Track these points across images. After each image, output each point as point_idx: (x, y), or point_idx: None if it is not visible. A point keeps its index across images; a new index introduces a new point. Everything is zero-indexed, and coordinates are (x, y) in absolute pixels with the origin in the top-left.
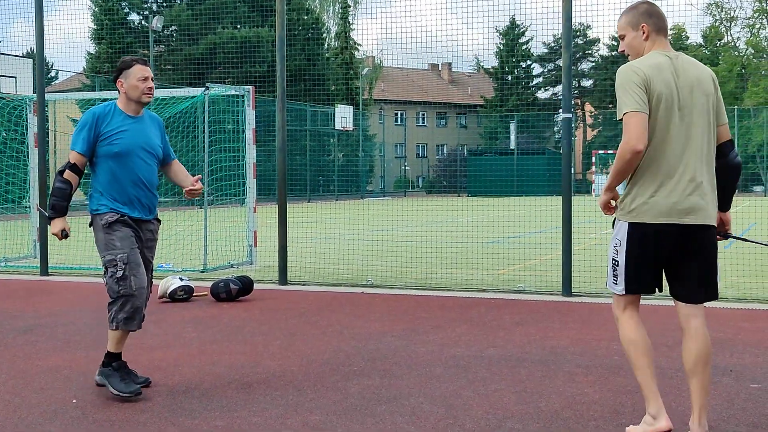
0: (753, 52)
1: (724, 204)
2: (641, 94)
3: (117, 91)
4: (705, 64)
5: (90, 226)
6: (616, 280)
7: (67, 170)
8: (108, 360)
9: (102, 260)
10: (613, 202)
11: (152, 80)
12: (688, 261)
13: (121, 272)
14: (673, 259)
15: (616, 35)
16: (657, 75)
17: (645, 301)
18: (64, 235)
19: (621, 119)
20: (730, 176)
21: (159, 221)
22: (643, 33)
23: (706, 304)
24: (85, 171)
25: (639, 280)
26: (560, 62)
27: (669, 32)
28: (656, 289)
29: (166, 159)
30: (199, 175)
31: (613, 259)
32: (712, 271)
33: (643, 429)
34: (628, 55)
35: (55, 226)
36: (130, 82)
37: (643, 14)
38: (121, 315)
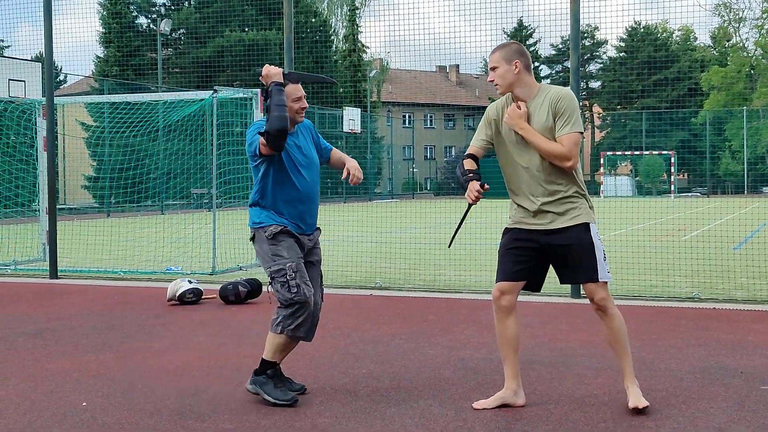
0: (762, 52)
1: None
2: None
3: (129, 94)
4: (714, 64)
5: (251, 240)
6: (608, 270)
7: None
8: (262, 368)
9: (267, 272)
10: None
11: (305, 99)
12: None
13: (293, 281)
14: None
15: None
16: None
17: (651, 302)
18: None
19: (571, 134)
20: None
21: (319, 230)
22: (515, 68)
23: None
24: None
25: None
26: (568, 64)
27: (677, 32)
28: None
29: (324, 155)
30: (354, 163)
31: (604, 251)
32: None
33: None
34: (497, 85)
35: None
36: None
37: (516, 52)
38: (291, 321)
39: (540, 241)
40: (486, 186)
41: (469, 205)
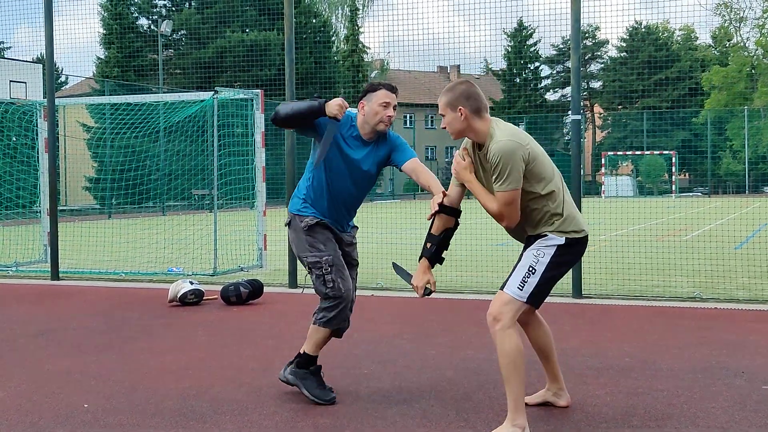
0: (762, 52)
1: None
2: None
3: (130, 95)
4: (714, 64)
5: (287, 225)
6: (524, 287)
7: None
8: (305, 361)
9: (303, 261)
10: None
11: (395, 109)
12: None
13: (329, 275)
14: None
15: (627, 31)
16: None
17: (652, 303)
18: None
19: (501, 193)
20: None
21: (356, 228)
22: (461, 115)
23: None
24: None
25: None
26: (569, 64)
27: (678, 32)
28: None
29: (398, 163)
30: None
31: (533, 269)
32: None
33: None
34: (450, 132)
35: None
36: (371, 105)
37: (460, 96)
38: (324, 314)
39: None
40: (433, 283)
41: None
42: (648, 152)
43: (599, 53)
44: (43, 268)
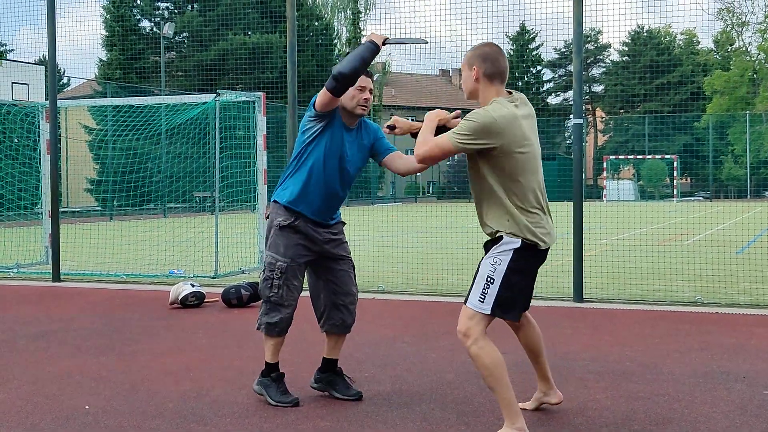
0: (765, 57)
1: None
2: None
3: (132, 97)
4: (716, 69)
5: (266, 216)
6: (485, 298)
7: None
8: (266, 370)
9: (264, 259)
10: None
11: (371, 93)
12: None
13: (277, 280)
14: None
15: (628, 38)
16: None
17: (653, 306)
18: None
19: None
20: None
21: (343, 223)
22: (474, 74)
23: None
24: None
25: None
26: (571, 68)
27: (680, 36)
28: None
29: (380, 156)
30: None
31: (491, 279)
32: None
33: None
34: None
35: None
36: (348, 91)
37: (478, 56)
38: (266, 319)
39: None
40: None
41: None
42: (650, 156)
43: (601, 57)
44: (45, 270)
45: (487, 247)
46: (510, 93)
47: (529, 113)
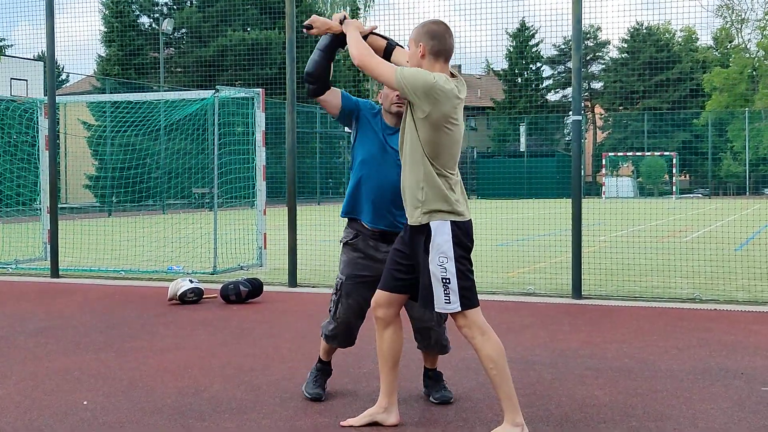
0: (764, 54)
1: None
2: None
3: (131, 93)
4: (715, 65)
5: None
6: (450, 298)
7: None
8: (317, 361)
9: None
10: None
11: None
12: None
13: (335, 296)
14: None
15: (626, 35)
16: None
17: (652, 303)
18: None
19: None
20: None
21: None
22: (420, 51)
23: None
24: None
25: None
26: (570, 64)
27: (680, 33)
28: None
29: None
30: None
31: (446, 277)
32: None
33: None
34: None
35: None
36: (383, 90)
37: (425, 33)
38: (326, 330)
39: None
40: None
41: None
42: (649, 153)
43: (600, 54)
44: (43, 266)
45: (413, 236)
46: (453, 75)
47: (463, 99)
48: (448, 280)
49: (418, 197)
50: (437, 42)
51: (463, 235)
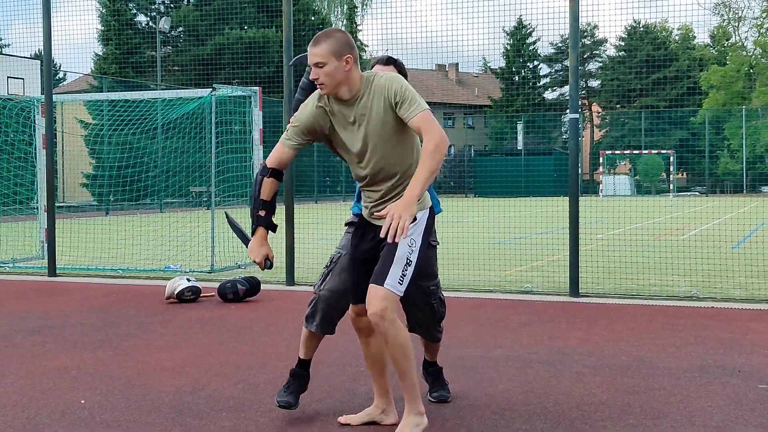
0: (761, 52)
1: None
2: None
3: (128, 91)
4: (713, 64)
5: None
6: (403, 281)
7: None
8: (297, 363)
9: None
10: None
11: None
12: None
13: (325, 269)
14: None
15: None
16: None
17: (649, 301)
18: None
19: (421, 113)
20: None
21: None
22: (347, 64)
23: None
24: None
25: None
26: (567, 62)
27: (677, 31)
28: None
29: None
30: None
31: (409, 260)
32: None
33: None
34: (322, 84)
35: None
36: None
37: (346, 44)
38: (308, 310)
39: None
40: (272, 256)
41: (246, 242)
42: (646, 151)
43: (598, 52)
44: (41, 265)
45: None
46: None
47: None
48: (410, 263)
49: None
50: (356, 49)
51: (431, 228)
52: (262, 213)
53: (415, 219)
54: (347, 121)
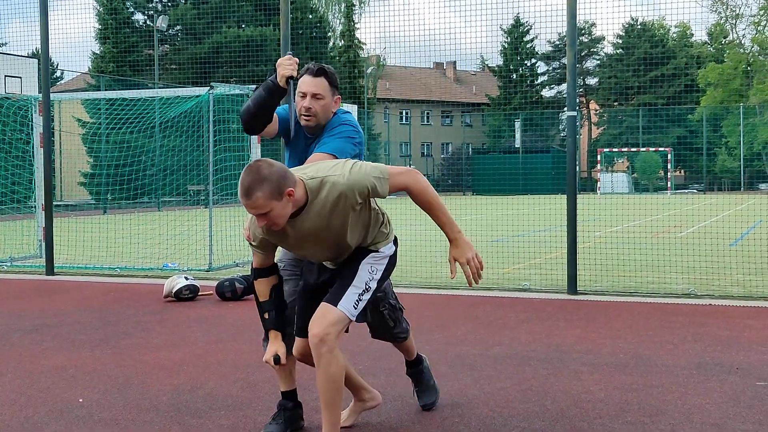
0: (758, 49)
1: None
2: None
3: (126, 90)
4: (710, 61)
5: None
6: (358, 305)
7: None
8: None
9: None
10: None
11: (314, 98)
12: None
13: None
14: None
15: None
16: None
17: (647, 298)
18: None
19: (390, 179)
20: None
21: None
22: (290, 197)
23: None
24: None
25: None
26: (565, 60)
27: (674, 29)
28: None
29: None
30: None
31: (368, 286)
32: None
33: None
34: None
35: None
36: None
37: (280, 179)
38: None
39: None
40: (283, 353)
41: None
42: (643, 149)
43: (595, 50)
44: (38, 263)
45: (356, 253)
46: None
47: None
48: (368, 289)
49: (384, 231)
50: (291, 177)
51: (393, 264)
52: (266, 315)
53: (379, 252)
54: (298, 234)
